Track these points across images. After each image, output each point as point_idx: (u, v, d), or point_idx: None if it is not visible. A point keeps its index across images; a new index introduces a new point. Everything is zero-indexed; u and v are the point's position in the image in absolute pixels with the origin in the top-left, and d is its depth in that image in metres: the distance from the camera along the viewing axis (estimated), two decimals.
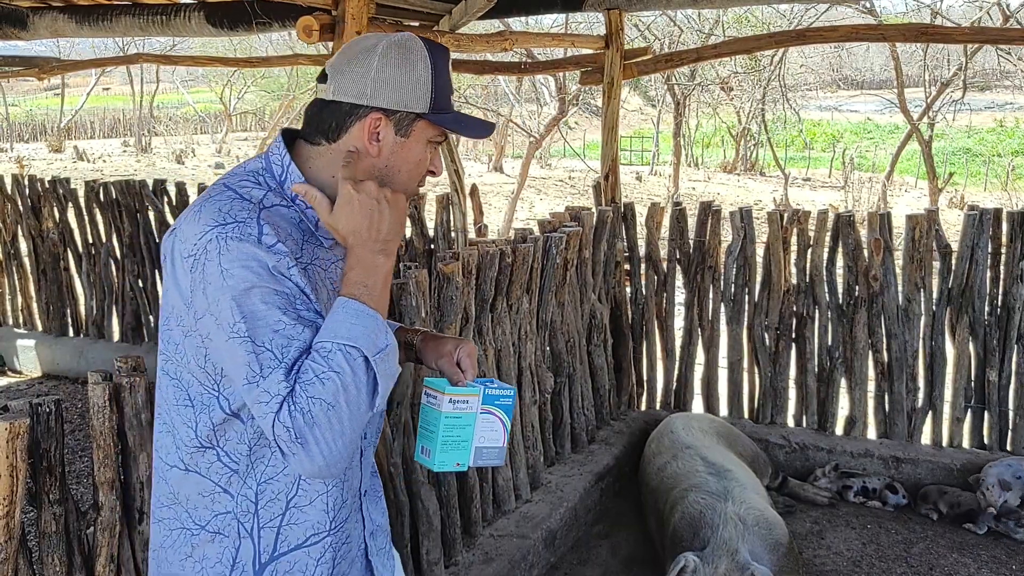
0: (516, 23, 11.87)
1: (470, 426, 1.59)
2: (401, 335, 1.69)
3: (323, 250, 1.47)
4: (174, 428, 1.44)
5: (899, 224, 4.98)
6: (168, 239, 1.39)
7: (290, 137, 1.51)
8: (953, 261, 4.28)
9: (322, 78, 1.48)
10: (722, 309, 4.69)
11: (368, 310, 1.33)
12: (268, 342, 1.30)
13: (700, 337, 4.76)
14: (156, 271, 5.96)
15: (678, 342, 4.85)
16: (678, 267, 4.77)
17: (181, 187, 5.86)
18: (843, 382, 4.50)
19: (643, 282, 4.83)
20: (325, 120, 1.46)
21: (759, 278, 4.59)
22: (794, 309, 4.52)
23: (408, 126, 1.47)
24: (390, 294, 1.36)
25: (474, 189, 5.68)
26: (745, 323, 4.63)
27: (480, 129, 1.54)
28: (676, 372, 4.84)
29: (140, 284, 5.99)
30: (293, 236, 1.40)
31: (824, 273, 4.46)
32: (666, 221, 4.82)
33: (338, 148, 1.45)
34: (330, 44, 3.38)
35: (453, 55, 6.19)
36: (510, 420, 1.64)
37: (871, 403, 4.49)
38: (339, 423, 1.28)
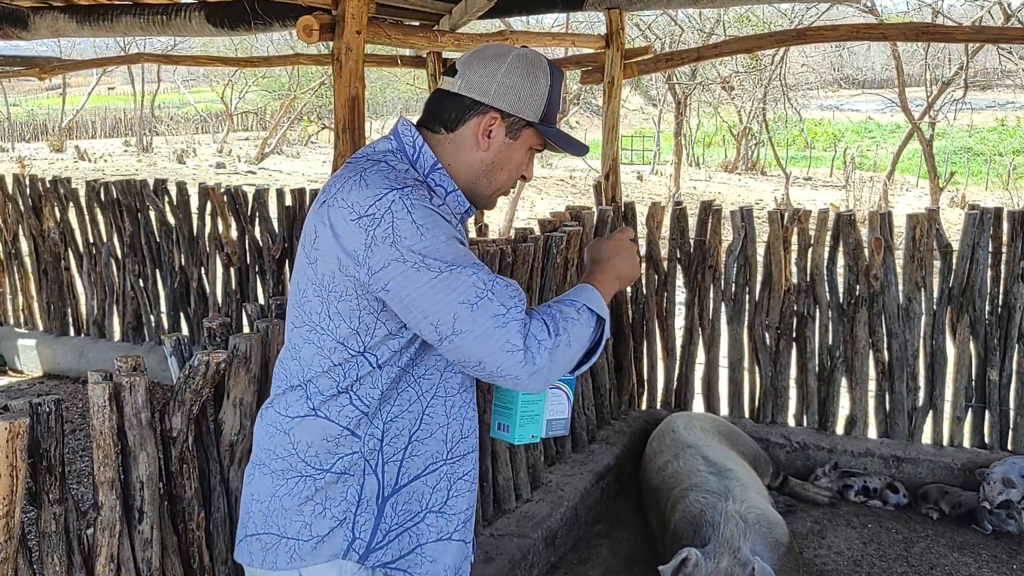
0: (518, 23, 11.88)
1: (541, 401, 1.74)
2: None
3: (456, 221, 1.64)
4: (307, 382, 1.60)
5: (900, 223, 4.98)
6: (321, 210, 1.54)
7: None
8: (954, 260, 4.28)
9: (451, 72, 1.66)
10: (723, 308, 4.69)
11: (600, 297, 1.68)
12: (477, 266, 1.50)
13: (701, 336, 4.76)
14: (157, 271, 5.96)
15: (679, 341, 4.85)
16: (679, 266, 4.77)
17: (182, 187, 5.86)
18: (844, 381, 4.50)
19: (643, 281, 4.83)
20: (447, 110, 1.64)
21: (760, 277, 4.59)
22: (795, 308, 4.52)
23: (518, 131, 1.65)
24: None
25: None
26: (746, 322, 4.63)
27: (576, 148, 1.72)
28: (677, 371, 4.84)
29: (141, 284, 5.99)
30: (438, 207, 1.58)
31: (825, 272, 4.45)
32: (666, 220, 4.82)
33: (455, 138, 1.64)
34: (330, 43, 3.38)
35: (452, 55, 6.20)
36: (573, 392, 1.79)
37: (872, 402, 4.48)
38: (568, 356, 1.56)
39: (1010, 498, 3.82)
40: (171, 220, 5.85)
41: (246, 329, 2.54)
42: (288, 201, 5.53)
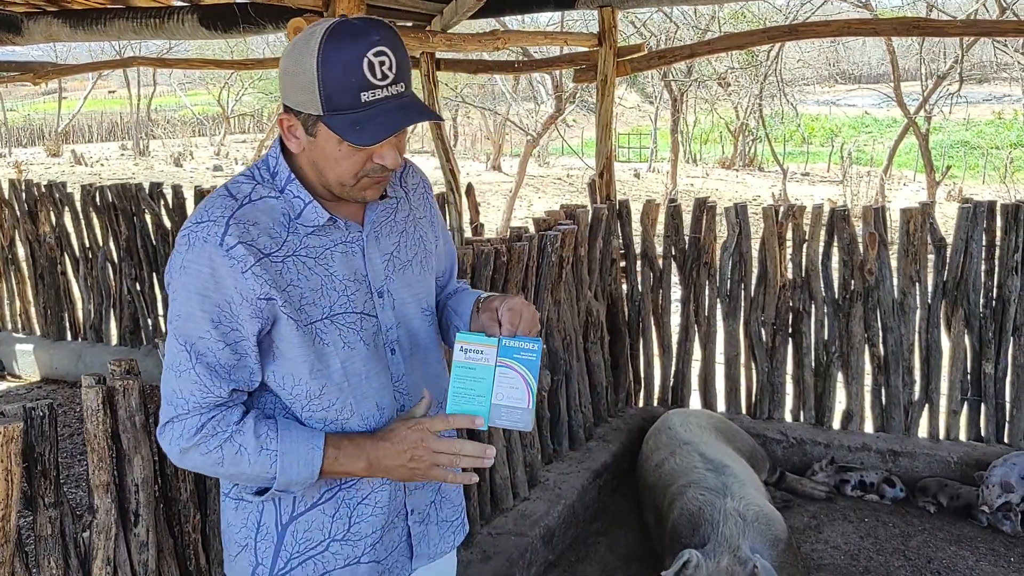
0: (513, 22, 11.88)
1: (486, 380, 1.50)
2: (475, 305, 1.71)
3: (313, 237, 1.50)
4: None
5: (895, 218, 4.98)
6: None
7: None
8: (948, 254, 4.29)
9: None
10: (718, 305, 4.70)
11: (315, 468, 1.47)
12: (190, 345, 1.42)
13: (697, 333, 4.77)
14: (154, 274, 5.97)
15: (675, 338, 4.86)
16: (674, 264, 4.77)
17: (178, 190, 5.86)
18: (840, 376, 4.50)
19: (639, 279, 4.83)
20: None
21: (755, 274, 4.60)
22: (790, 304, 4.53)
23: (313, 126, 1.44)
24: None
25: (470, 188, 5.69)
26: (741, 319, 4.64)
27: (396, 121, 1.40)
28: (673, 368, 4.85)
29: (138, 287, 6.00)
30: (273, 231, 1.46)
31: (820, 268, 4.46)
32: (661, 218, 4.82)
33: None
34: None
35: (446, 55, 6.21)
36: (535, 379, 1.52)
37: (868, 397, 4.49)
38: (214, 471, 1.47)
39: (1009, 500, 3.83)
40: (168, 224, 5.85)
41: None
42: None
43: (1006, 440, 4.27)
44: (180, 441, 1.43)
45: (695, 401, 4.90)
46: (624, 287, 4.86)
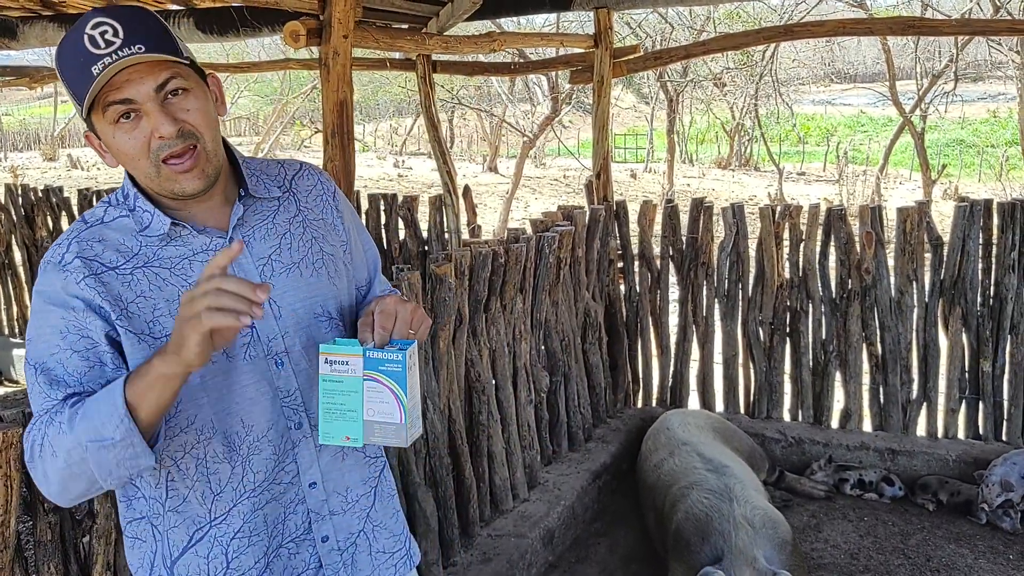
0: (509, 23, 11.89)
1: (355, 393, 1.39)
2: None
3: (171, 248, 1.43)
4: None
5: (892, 217, 4.98)
6: None
7: None
8: (945, 253, 4.30)
9: None
10: (716, 305, 4.70)
11: (117, 395, 1.26)
12: (38, 363, 1.36)
13: (695, 333, 4.77)
14: None
15: (673, 339, 4.86)
16: (671, 264, 4.78)
17: None
18: (838, 375, 4.51)
19: (637, 279, 4.84)
20: None
21: (752, 273, 4.60)
22: (788, 304, 4.54)
23: (95, 129, 1.40)
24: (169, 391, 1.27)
25: (467, 190, 5.69)
26: (739, 318, 4.64)
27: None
28: (671, 369, 4.85)
29: None
30: (122, 246, 1.42)
31: (817, 267, 4.47)
32: (658, 218, 4.83)
33: None
34: (317, 48, 3.39)
35: (442, 57, 6.21)
36: (406, 391, 1.39)
37: (866, 396, 4.50)
38: (56, 467, 1.30)
39: (1009, 498, 3.84)
40: None
41: None
42: None
43: (1004, 438, 4.27)
44: (27, 455, 1.35)
45: (693, 401, 4.90)
46: (622, 288, 4.86)
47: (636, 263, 4.83)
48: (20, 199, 6.26)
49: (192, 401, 1.40)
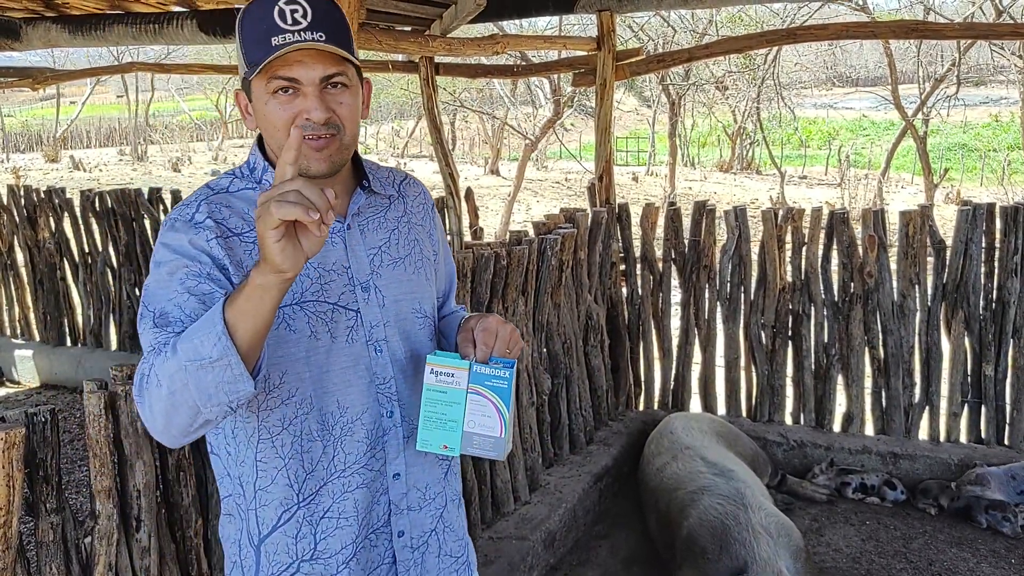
0: (511, 26, 11.89)
1: (458, 404, 1.45)
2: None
3: None
4: None
5: (895, 220, 4.97)
6: None
7: None
8: (947, 256, 4.29)
9: None
10: (718, 308, 4.70)
11: (217, 315, 1.25)
12: (156, 308, 1.37)
13: (697, 336, 4.77)
14: None
15: (675, 341, 4.86)
16: (673, 267, 4.78)
17: (177, 195, 5.87)
18: (840, 379, 4.51)
19: (639, 282, 4.84)
20: None
21: (755, 276, 4.60)
22: (790, 307, 4.53)
23: (250, 92, 1.47)
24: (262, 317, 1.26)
25: (469, 192, 5.69)
26: (741, 322, 4.64)
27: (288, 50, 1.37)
28: (673, 372, 4.85)
29: (137, 293, 5.99)
30: (247, 215, 1.47)
31: (819, 270, 4.46)
32: (661, 221, 4.83)
33: None
34: None
35: (445, 59, 6.21)
36: (508, 408, 1.45)
37: (868, 399, 4.49)
38: (161, 396, 1.28)
39: (1004, 502, 3.85)
40: None
41: None
42: None
43: (1006, 442, 4.27)
44: (135, 391, 1.35)
45: (695, 404, 4.90)
46: (624, 290, 4.86)
47: (638, 266, 4.83)
48: (23, 200, 6.27)
49: (295, 374, 1.45)
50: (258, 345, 1.29)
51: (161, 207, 5.85)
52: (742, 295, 4.63)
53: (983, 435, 4.31)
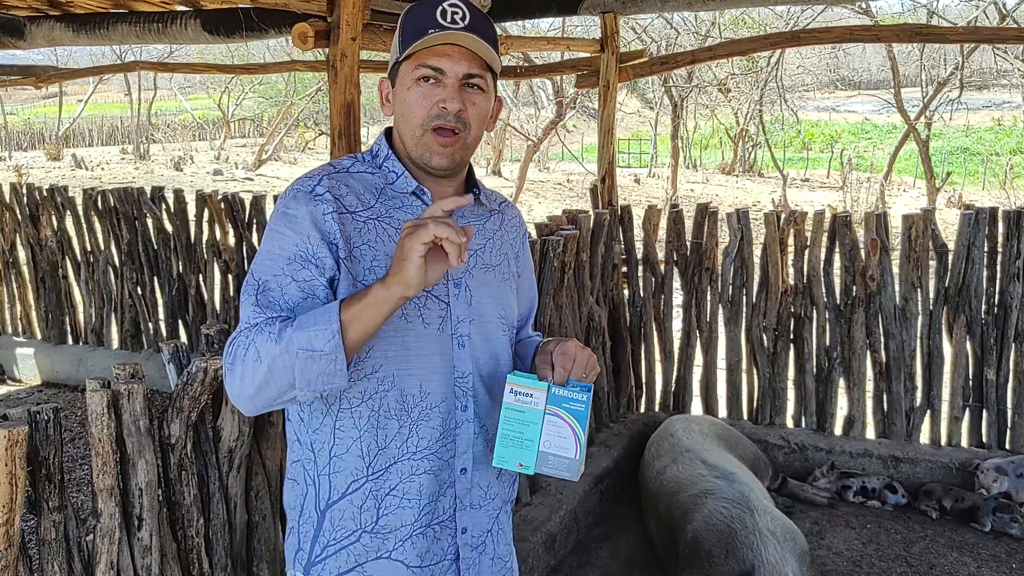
0: (514, 27, 11.90)
1: (535, 424, 1.50)
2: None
3: (401, 212, 1.57)
4: None
5: (897, 224, 4.99)
6: None
7: None
8: (950, 260, 4.29)
9: None
10: (720, 310, 4.70)
11: (333, 313, 1.39)
12: (261, 280, 1.47)
13: (698, 339, 4.77)
14: (155, 278, 5.97)
15: (676, 344, 4.86)
16: (675, 269, 4.78)
17: (179, 194, 5.87)
18: (841, 382, 4.51)
19: (641, 284, 4.84)
20: None
21: (757, 279, 4.60)
22: (792, 310, 4.53)
23: (396, 77, 1.57)
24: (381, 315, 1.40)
25: None
26: (743, 324, 4.64)
27: (442, 38, 1.49)
28: (675, 374, 4.85)
29: (139, 292, 6.00)
30: (362, 196, 1.56)
31: (821, 274, 4.46)
32: (663, 223, 4.83)
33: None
34: (325, 50, 3.39)
35: None
36: (584, 430, 1.50)
37: (870, 403, 4.49)
38: (259, 372, 1.40)
39: (1005, 487, 3.84)
40: (169, 227, 5.86)
41: None
42: None
43: (1007, 446, 4.27)
44: (228, 358, 1.45)
45: (697, 406, 4.90)
46: (626, 292, 4.86)
47: (640, 268, 4.83)
48: (25, 198, 6.27)
49: (381, 351, 1.51)
50: (360, 347, 1.43)
51: (163, 206, 5.86)
52: (744, 298, 4.63)
53: (984, 439, 4.31)
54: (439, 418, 1.55)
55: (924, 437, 4.42)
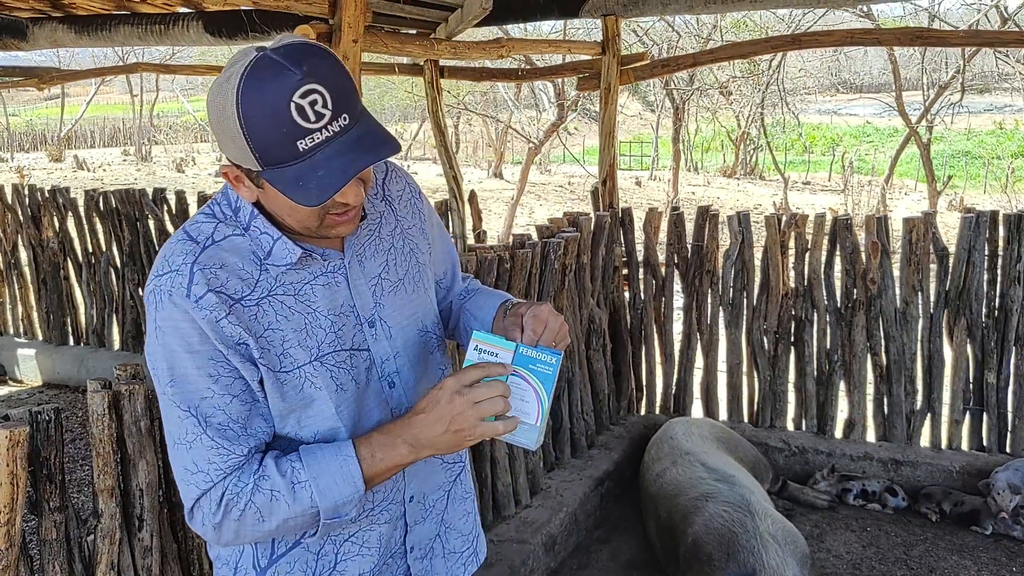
0: (515, 30, 11.91)
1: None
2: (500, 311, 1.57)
3: (291, 273, 1.36)
4: None
5: (898, 227, 4.98)
6: None
7: None
8: (950, 264, 4.29)
9: None
10: (721, 313, 4.70)
11: (357, 478, 1.31)
12: (194, 409, 1.28)
13: (699, 341, 4.77)
14: None
15: (677, 346, 4.86)
16: (676, 271, 4.78)
17: (181, 196, 5.87)
18: (842, 385, 4.50)
19: (641, 287, 4.84)
20: None
21: (757, 282, 4.60)
22: (792, 313, 4.53)
23: (257, 180, 1.28)
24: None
25: (472, 195, 5.69)
26: (744, 327, 4.64)
27: (344, 170, 1.21)
28: (675, 376, 4.85)
29: (140, 293, 6.00)
30: (243, 272, 1.32)
31: (822, 277, 4.47)
32: (664, 226, 4.83)
33: None
34: None
35: (450, 63, 6.22)
36: (549, 395, 1.36)
37: (870, 406, 4.49)
38: (260, 530, 1.31)
39: (1019, 503, 3.83)
40: (170, 229, 5.86)
41: None
42: None
43: (1008, 450, 4.26)
44: (210, 518, 1.29)
45: (697, 409, 4.90)
46: (626, 295, 4.86)
47: (641, 270, 4.84)
48: (27, 199, 6.28)
49: (329, 432, 1.39)
50: None
51: (165, 207, 5.86)
52: (745, 300, 4.63)
53: (985, 443, 4.31)
54: None
55: (924, 440, 4.41)
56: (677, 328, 4.89)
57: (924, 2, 16.53)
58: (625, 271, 4.85)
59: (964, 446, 4.35)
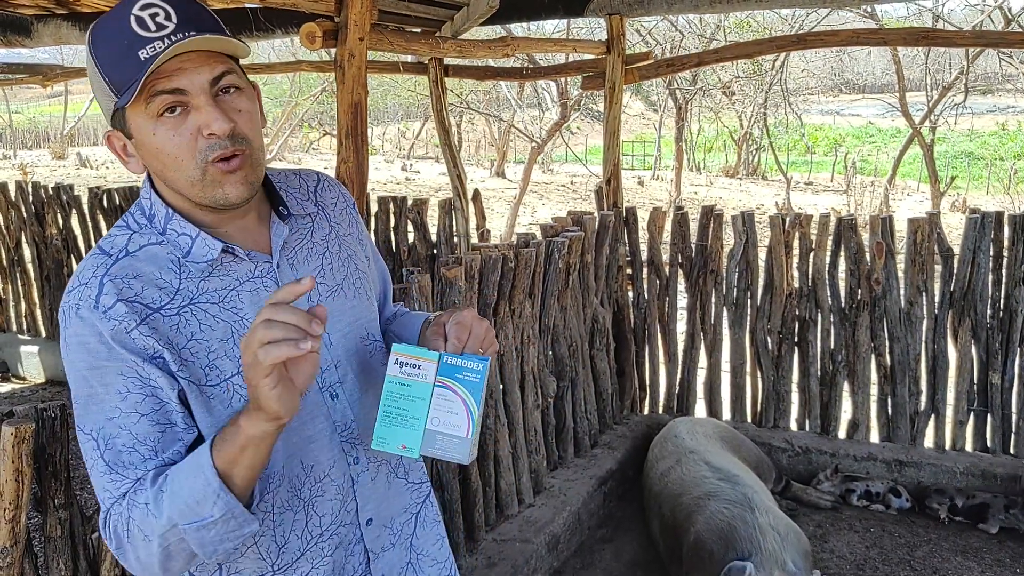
0: (519, 29, 11.91)
1: (422, 400, 1.29)
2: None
3: (214, 279, 1.28)
4: None
5: (901, 228, 4.98)
6: None
7: None
8: (955, 264, 4.29)
9: None
10: (724, 313, 4.70)
11: (206, 467, 1.13)
12: (97, 431, 1.21)
13: (703, 341, 4.76)
14: None
15: (680, 346, 4.86)
16: (680, 271, 4.78)
17: None
18: (846, 386, 4.50)
19: (645, 286, 4.84)
20: None
21: (761, 282, 4.60)
22: (796, 313, 4.53)
23: (124, 124, 1.22)
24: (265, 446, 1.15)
25: (476, 194, 5.69)
26: (747, 327, 4.64)
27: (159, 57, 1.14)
28: (679, 376, 4.85)
29: None
30: (161, 281, 1.25)
31: (826, 277, 4.46)
32: (668, 225, 4.83)
33: None
34: (332, 50, 3.40)
35: (455, 61, 6.21)
36: (479, 407, 1.28)
37: (874, 406, 4.49)
38: (152, 553, 1.18)
39: None
40: None
41: None
42: None
43: (1012, 451, 4.26)
44: (113, 546, 1.20)
45: (700, 409, 4.89)
46: (630, 294, 4.86)
47: (645, 270, 4.83)
48: (31, 197, 6.29)
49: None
50: (255, 480, 1.18)
51: None
52: (749, 300, 4.62)
53: (989, 444, 4.31)
54: (333, 487, 1.35)
55: (928, 441, 4.41)
56: (681, 328, 4.89)
57: (928, 3, 16.52)
58: (629, 271, 4.85)
59: (968, 447, 4.35)
